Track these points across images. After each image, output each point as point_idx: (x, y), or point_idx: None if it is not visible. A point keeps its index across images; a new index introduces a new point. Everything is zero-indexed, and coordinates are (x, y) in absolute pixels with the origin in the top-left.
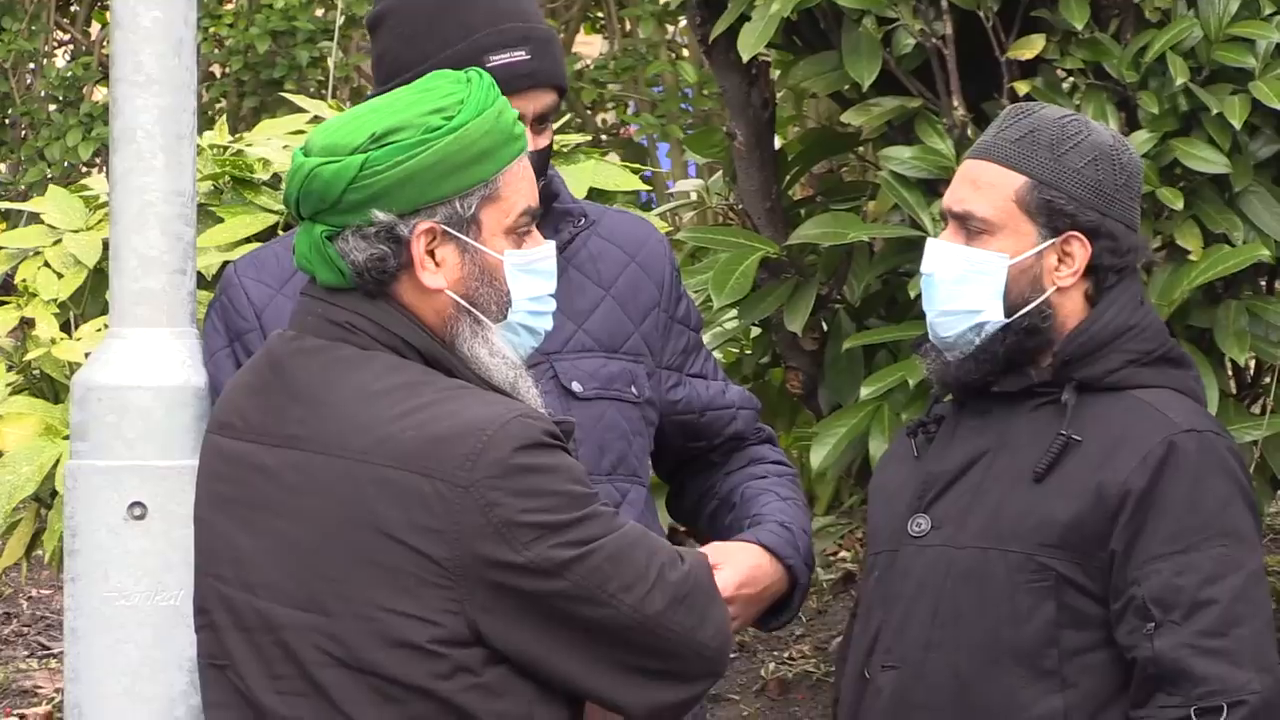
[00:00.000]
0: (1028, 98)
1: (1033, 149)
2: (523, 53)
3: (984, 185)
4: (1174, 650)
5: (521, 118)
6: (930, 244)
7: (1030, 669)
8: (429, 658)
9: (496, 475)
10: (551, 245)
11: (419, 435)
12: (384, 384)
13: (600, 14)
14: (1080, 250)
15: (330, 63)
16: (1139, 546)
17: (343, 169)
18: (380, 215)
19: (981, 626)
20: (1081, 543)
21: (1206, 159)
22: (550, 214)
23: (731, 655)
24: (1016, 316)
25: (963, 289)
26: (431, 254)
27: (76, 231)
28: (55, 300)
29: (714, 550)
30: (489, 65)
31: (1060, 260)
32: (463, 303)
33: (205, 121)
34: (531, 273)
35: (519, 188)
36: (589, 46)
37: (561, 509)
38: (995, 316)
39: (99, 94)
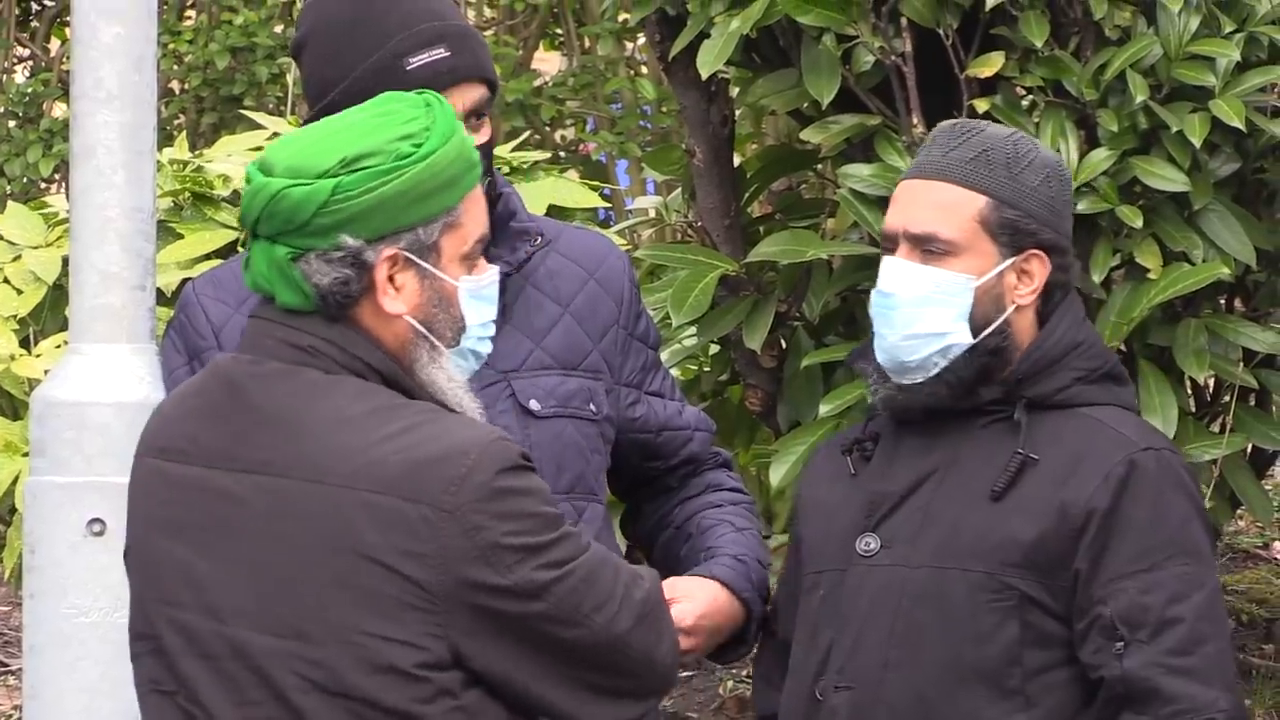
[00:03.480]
0: (987, 115)
1: (989, 168)
2: (441, 50)
3: (946, 206)
4: (1143, 669)
5: None
6: (889, 263)
7: (994, 688)
8: (413, 682)
9: (481, 499)
10: (496, 270)
11: (402, 460)
12: (359, 409)
13: (559, 31)
14: (1040, 268)
15: (289, 79)
16: (1104, 565)
17: (314, 192)
18: (349, 240)
19: (943, 646)
20: (1045, 562)
21: (1166, 177)
22: (507, 232)
23: (689, 673)
24: (983, 337)
25: (926, 311)
26: (392, 280)
27: (36, 248)
28: (14, 316)
29: (672, 585)
30: (410, 67)
31: (1019, 279)
32: (421, 329)
33: (164, 138)
34: (481, 299)
35: (476, 215)
36: (548, 63)
37: (540, 531)
38: (963, 339)
39: (59, 110)
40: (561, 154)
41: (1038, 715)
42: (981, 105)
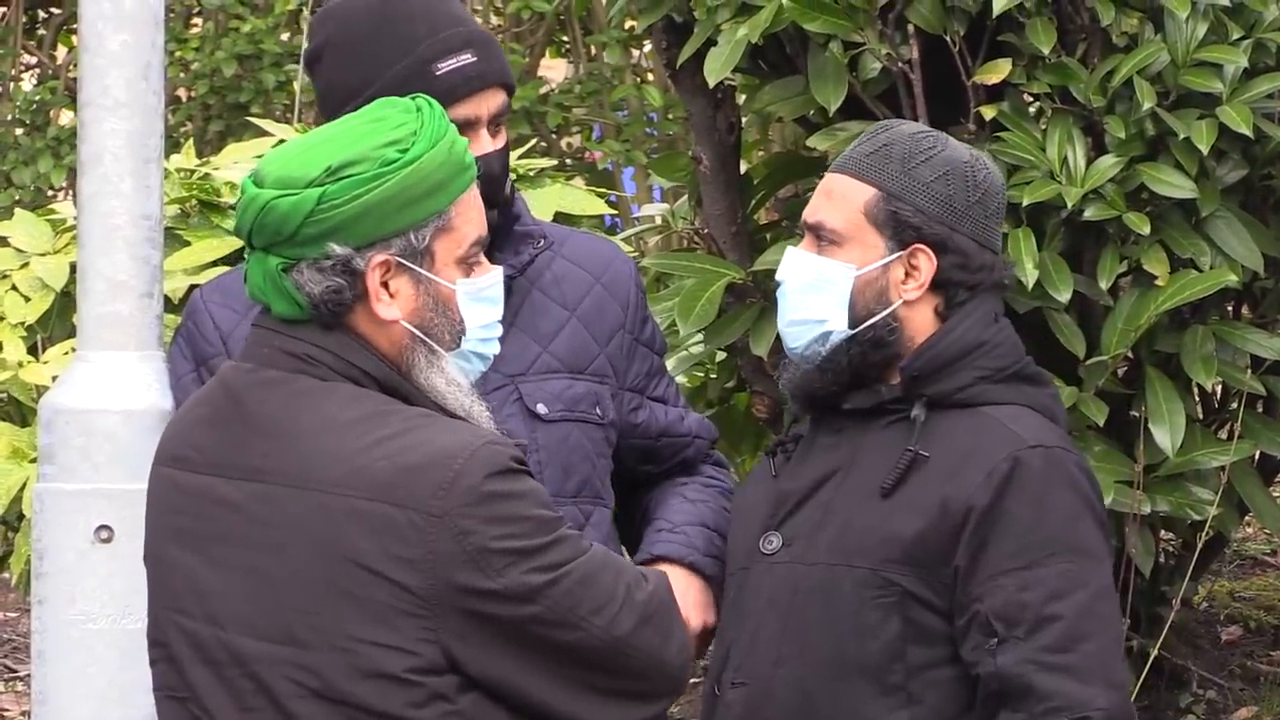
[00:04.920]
0: (994, 122)
1: (885, 162)
2: (469, 55)
3: (836, 197)
4: (1017, 666)
5: (476, 120)
6: (788, 252)
7: (876, 684)
8: (405, 687)
9: (469, 503)
10: (499, 271)
11: (390, 465)
12: (350, 415)
13: (566, 38)
14: (926, 264)
15: (296, 86)
16: (983, 562)
17: (300, 202)
18: (336, 249)
19: (828, 642)
20: (926, 558)
21: (1173, 184)
22: (511, 236)
23: (697, 679)
24: (861, 328)
25: (809, 298)
26: (386, 285)
27: (44, 255)
28: (22, 323)
29: None
30: (439, 72)
31: (907, 274)
32: (417, 333)
33: (171, 145)
34: (482, 300)
35: (470, 217)
36: (554, 71)
37: (533, 534)
38: (839, 327)
39: (65, 117)
40: (568, 161)
41: (920, 713)
42: (988, 112)
